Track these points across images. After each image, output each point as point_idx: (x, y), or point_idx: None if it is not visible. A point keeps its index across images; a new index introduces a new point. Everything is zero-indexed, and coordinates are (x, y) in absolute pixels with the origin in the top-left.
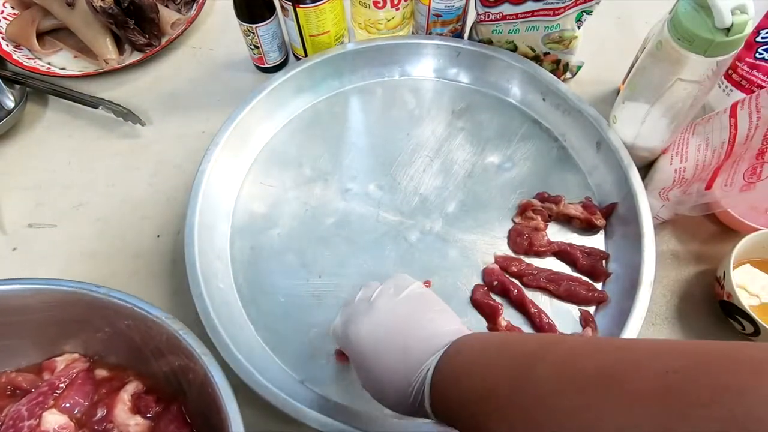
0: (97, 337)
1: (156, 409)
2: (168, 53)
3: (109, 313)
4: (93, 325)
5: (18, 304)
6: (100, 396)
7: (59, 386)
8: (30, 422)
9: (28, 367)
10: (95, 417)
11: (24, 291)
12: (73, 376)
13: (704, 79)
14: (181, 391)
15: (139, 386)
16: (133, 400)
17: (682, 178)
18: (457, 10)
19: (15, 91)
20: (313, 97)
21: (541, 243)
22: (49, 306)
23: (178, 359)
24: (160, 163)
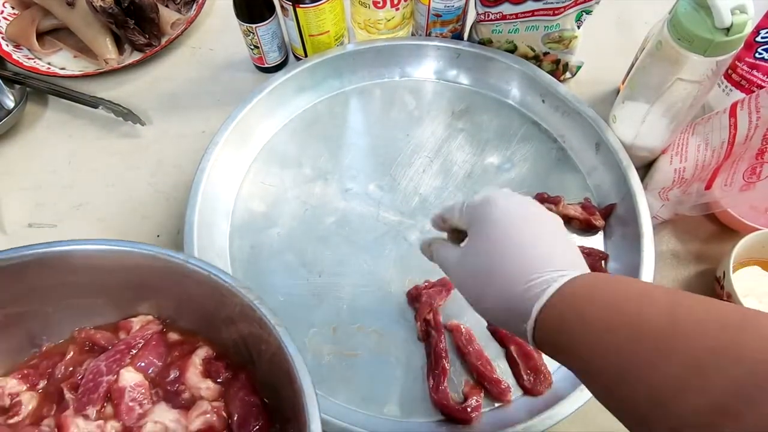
0: (171, 301)
1: (226, 375)
2: (168, 53)
3: (185, 279)
4: (168, 289)
5: (99, 264)
6: (172, 358)
7: (135, 346)
8: (108, 377)
9: (104, 325)
10: (168, 378)
11: (106, 252)
12: (147, 337)
13: (704, 79)
14: (249, 360)
15: (209, 351)
16: (204, 364)
17: (681, 177)
18: (457, 10)
19: (15, 91)
20: (313, 97)
21: None
22: (127, 268)
23: (250, 328)
24: (160, 163)
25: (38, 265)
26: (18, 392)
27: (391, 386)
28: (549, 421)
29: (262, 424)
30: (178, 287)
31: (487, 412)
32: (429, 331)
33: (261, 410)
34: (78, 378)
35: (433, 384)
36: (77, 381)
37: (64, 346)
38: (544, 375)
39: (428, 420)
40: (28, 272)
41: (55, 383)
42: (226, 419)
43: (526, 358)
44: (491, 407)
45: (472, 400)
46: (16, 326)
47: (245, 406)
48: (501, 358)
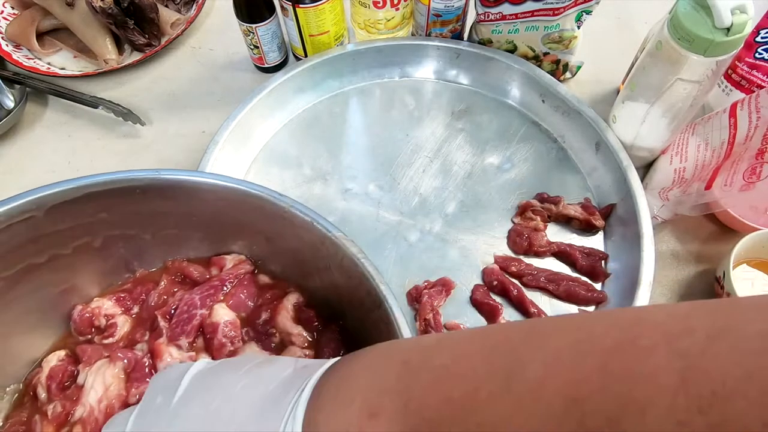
0: (264, 243)
1: (316, 324)
2: (168, 53)
3: (285, 223)
4: (264, 231)
5: (204, 197)
6: (263, 300)
7: (227, 283)
8: (202, 311)
9: (196, 258)
10: (259, 319)
11: (214, 186)
12: (240, 276)
13: (704, 79)
14: (341, 312)
15: (299, 298)
16: (295, 310)
17: (681, 178)
18: (457, 10)
19: (15, 91)
20: (313, 97)
21: (541, 243)
22: (231, 204)
23: (347, 280)
24: (160, 163)
25: (144, 191)
26: (113, 314)
27: None
28: None
29: None
30: (275, 230)
31: None
32: (429, 331)
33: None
34: (171, 307)
35: None
36: (170, 310)
37: (157, 275)
38: None
39: None
40: (134, 197)
41: (148, 310)
42: None
43: None
44: None
45: None
46: (115, 249)
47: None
48: None
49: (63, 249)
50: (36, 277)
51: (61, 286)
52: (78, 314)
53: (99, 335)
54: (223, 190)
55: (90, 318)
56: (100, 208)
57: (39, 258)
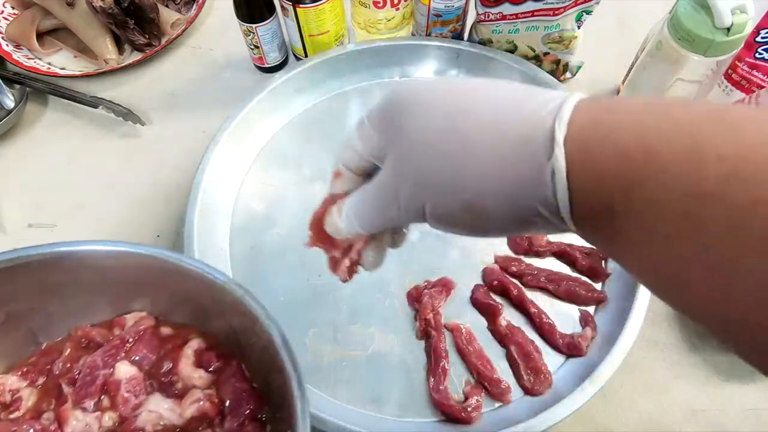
0: (164, 297)
1: (217, 364)
2: (168, 53)
3: (179, 277)
4: (162, 286)
5: (101, 264)
6: (165, 351)
7: (129, 341)
8: (105, 371)
9: (101, 323)
10: (162, 369)
11: (109, 253)
12: (141, 332)
13: (704, 79)
14: (240, 349)
15: (201, 343)
16: (195, 355)
17: None
18: (457, 10)
19: (15, 91)
20: (313, 97)
21: (541, 243)
22: (127, 268)
23: (240, 321)
24: (160, 163)
25: (44, 265)
26: (18, 388)
27: (391, 386)
28: (549, 421)
29: (253, 408)
30: (172, 284)
31: (488, 412)
32: (429, 331)
33: (251, 395)
34: (75, 373)
35: (433, 384)
36: (74, 376)
37: (61, 344)
38: (544, 375)
39: (428, 420)
40: (34, 271)
41: (53, 379)
42: (219, 405)
43: (526, 358)
44: (491, 407)
45: (473, 400)
46: (19, 324)
47: (236, 391)
48: (501, 358)
49: None
50: None
51: None
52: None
53: (5, 411)
54: (119, 255)
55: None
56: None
57: None
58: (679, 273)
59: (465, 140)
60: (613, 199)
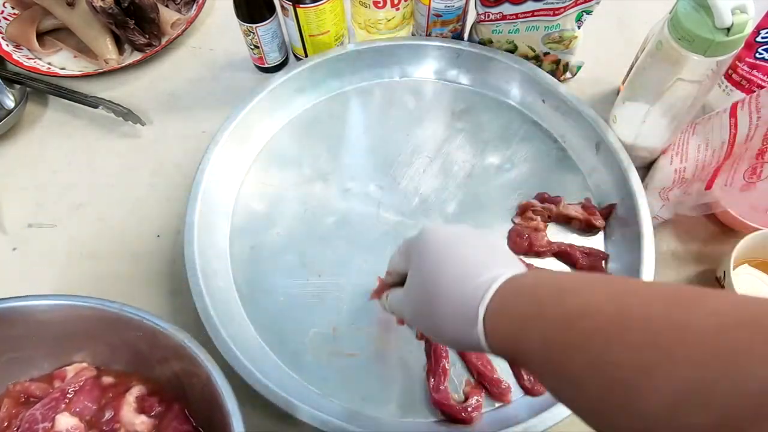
0: (105, 346)
1: (159, 409)
2: (168, 53)
3: (120, 325)
4: (102, 336)
5: (36, 318)
6: (107, 399)
7: (69, 392)
8: (44, 424)
9: (40, 377)
10: (103, 418)
11: (48, 306)
12: (81, 383)
13: (704, 79)
14: (182, 392)
15: (142, 389)
16: (137, 401)
17: (682, 178)
18: (457, 10)
19: (15, 91)
20: (313, 97)
21: (541, 243)
22: (64, 319)
23: (182, 364)
24: (160, 163)
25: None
26: None
27: (391, 386)
28: (549, 421)
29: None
30: (112, 333)
31: (488, 412)
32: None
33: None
34: (15, 430)
35: (433, 384)
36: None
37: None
38: None
39: (428, 420)
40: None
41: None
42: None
43: None
44: (492, 407)
45: (473, 400)
46: None
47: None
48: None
49: None
50: None
51: None
52: None
53: None
54: (56, 308)
55: None
56: None
57: None
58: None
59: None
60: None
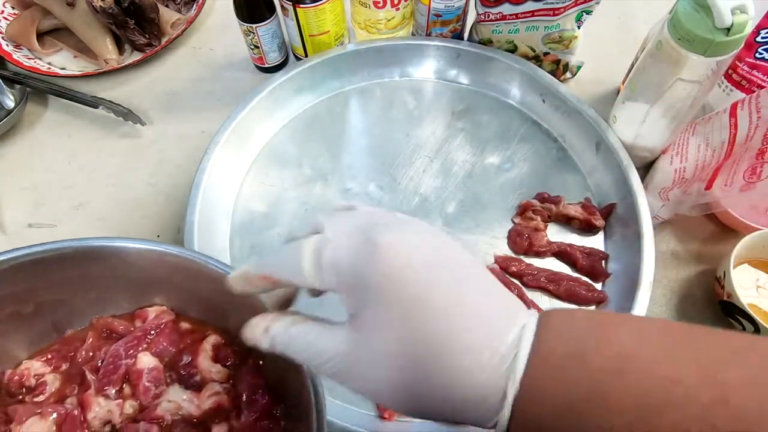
0: (183, 294)
1: (233, 361)
2: (168, 53)
3: (201, 276)
4: (182, 283)
5: (125, 259)
6: (184, 345)
7: (150, 333)
8: (127, 360)
9: (121, 315)
10: (181, 362)
11: (137, 250)
12: (161, 325)
13: (704, 79)
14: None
15: (218, 339)
16: (213, 350)
17: (682, 178)
18: (457, 10)
19: (15, 91)
20: (313, 97)
21: (541, 243)
22: (149, 264)
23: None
24: (160, 163)
25: (76, 258)
26: (42, 373)
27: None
28: None
29: (268, 402)
30: (191, 282)
31: None
32: None
33: (267, 392)
34: (98, 361)
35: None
36: (97, 364)
37: (83, 333)
38: None
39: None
40: (66, 264)
41: (76, 366)
42: (235, 399)
43: None
44: None
45: None
46: (45, 314)
47: (252, 387)
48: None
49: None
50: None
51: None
52: (7, 377)
53: (29, 395)
54: (146, 253)
55: (20, 379)
56: (31, 278)
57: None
58: None
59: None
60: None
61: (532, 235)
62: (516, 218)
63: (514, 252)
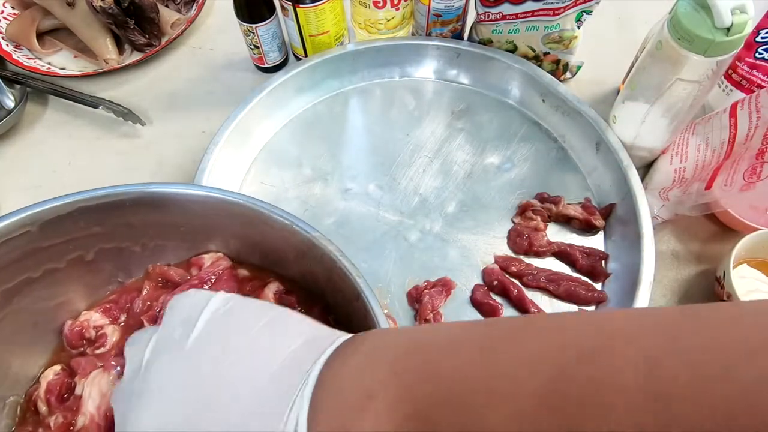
0: (241, 240)
1: (299, 310)
2: (168, 53)
3: (266, 227)
4: (241, 231)
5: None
6: (244, 292)
7: (207, 281)
8: None
9: (177, 263)
10: None
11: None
12: (219, 272)
13: (704, 79)
14: (321, 298)
15: (279, 287)
16: (276, 298)
17: (682, 178)
18: (457, 10)
19: (15, 91)
20: (313, 97)
21: (541, 243)
22: (209, 212)
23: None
24: (160, 163)
25: (136, 204)
26: (102, 325)
27: None
28: None
29: None
30: (251, 229)
31: None
32: None
33: None
34: (156, 311)
35: None
36: (155, 314)
37: (139, 283)
38: None
39: None
40: (124, 210)
41: (135, 317)
42: None
43: None
44: None
45: None
46: (104, 263)
47: None
48: None
49: (57, 263)
50: (31, 292)
51: (54, 300)
52: (68, 329)
53: (90, 347)
54: (209, 200)
55: (80, 331)
56: (92, 222)
57: (35, 272)
58: None
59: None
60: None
61: (532, 235)
62: (516, 218)
63: (514, 252)
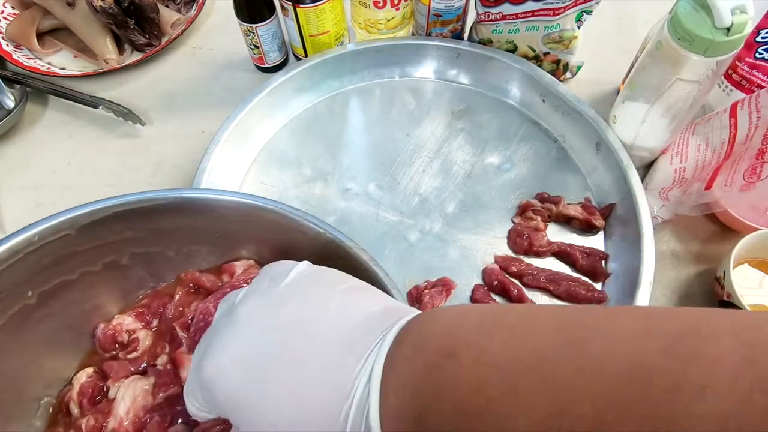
0: (272, 248)
1: None
2: (168, 53)
3: (299, 235)
4: (276, 240)
5: (219, 213)
6: None
7: (239, 288)
8: None
9: (208, 268)
10: None
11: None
12: (250, 280)
13: (704, 79)
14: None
15: None
16: None
17: (682, 178)
18: (457, 10)
19: (15, 91)
20: (313, 97)
21: (541, 243)
22: (242, 218)
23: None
24: (160, 163)
25: (170, 209)
26: (135, 329)
27: None
28: None
29: None
30: (283, 236)
31: None
32: None
33: None
34: (188, 318)
35: None
36: (187, 321)
37: (171, 288)
38: None
39: None
40: (158, 215)
41: (167, 322)
42: None
43: None
44: None
45: None
46: (137, 267)
47: None
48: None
49: (93, 266)
50: (67, 294)
51: (88, 303)
52: (101, 332)
53: (123, 351)
54: (242, 207)
55: (113, 335)
56: (127, 227)
57: (71, 275)
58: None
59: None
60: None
61: (532, 235)
62: (516, 218)
63: (514, 252)
